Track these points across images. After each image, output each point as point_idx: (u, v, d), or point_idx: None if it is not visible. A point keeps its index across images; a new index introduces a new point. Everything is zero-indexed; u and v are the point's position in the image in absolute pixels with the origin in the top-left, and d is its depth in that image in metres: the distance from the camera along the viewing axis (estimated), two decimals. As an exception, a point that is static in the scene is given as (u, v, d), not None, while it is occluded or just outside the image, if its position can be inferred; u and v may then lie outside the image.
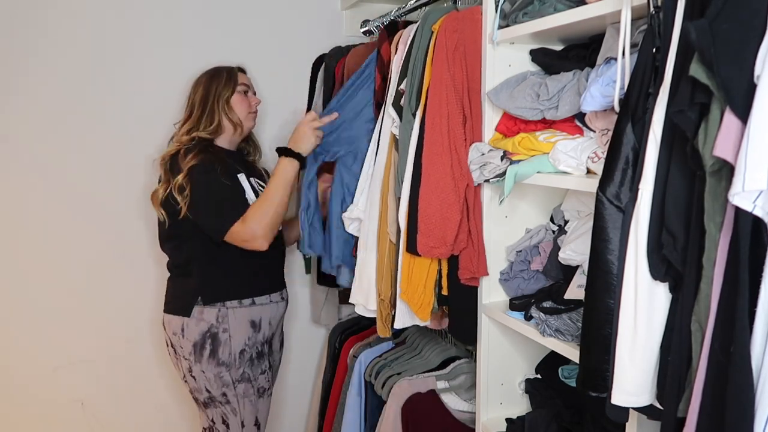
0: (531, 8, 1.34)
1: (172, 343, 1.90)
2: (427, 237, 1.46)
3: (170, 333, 1.89)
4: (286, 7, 2.36)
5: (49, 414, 2.21)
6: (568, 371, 1.54)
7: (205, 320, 1.83)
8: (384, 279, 1.67)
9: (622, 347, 0.96)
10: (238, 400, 1.88)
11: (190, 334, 1.84)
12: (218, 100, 1.90)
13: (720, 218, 0.81)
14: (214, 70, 1.96)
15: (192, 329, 1.83)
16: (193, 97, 1.94)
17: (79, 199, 2.17)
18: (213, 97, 1.90)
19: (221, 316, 1.83)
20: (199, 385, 1.87)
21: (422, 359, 2.00)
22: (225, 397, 1.87)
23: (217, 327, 1.83)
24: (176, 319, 1.86)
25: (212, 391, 1.87)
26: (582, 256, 1.34)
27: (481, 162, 1.42)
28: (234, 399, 1.88)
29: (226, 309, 1.84)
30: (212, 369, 1.84)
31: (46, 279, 2.16)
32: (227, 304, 1.84)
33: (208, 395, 1.88)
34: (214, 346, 1.83)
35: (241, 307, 1.86)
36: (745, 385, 0.74)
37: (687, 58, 0.85)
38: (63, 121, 2.12)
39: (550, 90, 1.30)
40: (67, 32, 2.09)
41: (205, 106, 1.90)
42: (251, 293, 1.89)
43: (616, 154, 0.99)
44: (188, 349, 1.85)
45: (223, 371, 1.85)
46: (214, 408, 1.89)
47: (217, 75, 1.94)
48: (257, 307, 1.89)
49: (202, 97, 1.91)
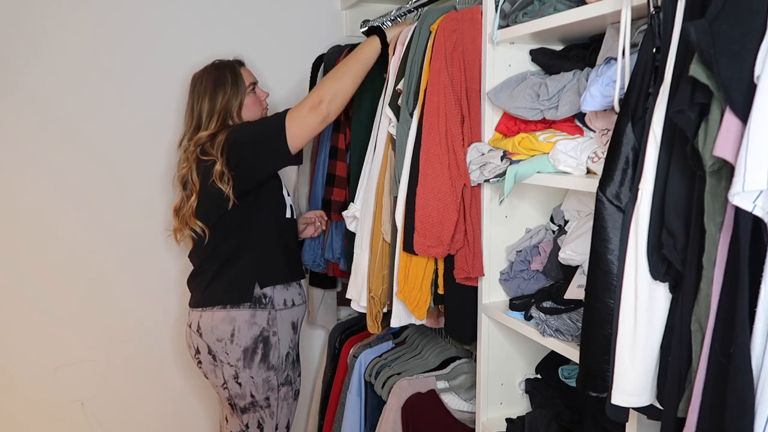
0: (531, 8, 1.34)
1: (210, 350, 1.81)
2: (423, 236, 1.46)
3: (212, 340, 1.80)
4: (286, 7, 2.36)
5: (49, 414, 2.21)
6: (568, 371, 1.54)
7: (257, 324, 1.79)
8: (375, 277, 1.69)
9: (622, 347, 0.96)
10: (279, 403, 1.86)
11: (242, 339, 1.78)
12: (229, 110, 1.83)
13: (720, 218, 0.81)
14: (215, 74, 1.85)
15: (243, 334, 1.78)
16: (197, 106, 1.83)
17: (79, 198, 2.17)
18: (221, 105, 1.81)
19: (271, 319, 1.81)
20: (243, 392, 1.82)
21: (422, 359, 2.00)
22: (267, 401, 1.84)
23: (268, 330, 1.81)
24: (224, 323, 1.78)
25: (256, 396, 1.83)
26: (582, 256, 1.34)
27: (481, 162, 1.42)
28: (275, 402, 1.85)
29: (275, 311, 1.82)
30: (262, 374, 1.81)
31: (46, 279, 2.16)
32: (276, 306, 1.82)
33: (251, 400, 1.83)
34: (266, 350, 1.80)
35: (286, 309, 1.85)
36: (745, 385, 0.74)
37: (687, 58, 0.85)
38: (63, 121, 2.12)
39: (550, 90, 1.30)
40: (67, 31, 2.09)
41: (211, 116, 1.81)
42: (293, 276, 1.89)
43: (616, 154, 0.99)
44: (237, 355, 1.79)
45: (272, 375, 1.83)
46: (253, 413, 1.85)
47: (221, 81, 1.84)
48: (296, 308, 1.89)
49: (209, 109, 1.82)
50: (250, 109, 1.88)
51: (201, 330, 1.82)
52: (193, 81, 1.89)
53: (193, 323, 1.84)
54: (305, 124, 1.72)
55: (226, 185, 1.72)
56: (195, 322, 1.84)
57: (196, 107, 1.84)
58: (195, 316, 1.85)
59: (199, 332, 1.83)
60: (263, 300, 1.81)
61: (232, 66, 1.89)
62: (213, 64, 1.91)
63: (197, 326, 1.83)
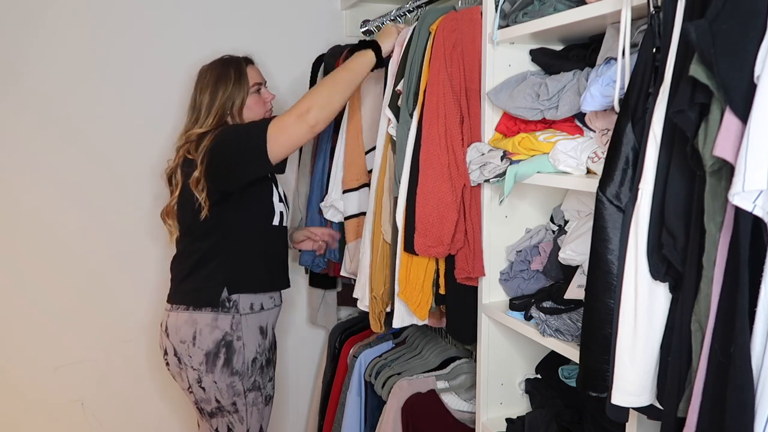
0: (531, 8, 1.34)
1: (176, 352, 1.76)
2: (424, 236, 1.46)
3: (176, 341, 1.75)
4: (286, 7, 2.36)
5: (49, 414, 2.21)
6: (568, 371, 1.54)
7: (219, 328, 1.73)
8: (376, 277, 1.69)
9: (622, 347, 0.96)
10: (247, 408, 1.80)
11: (203, 342, 1.73)
12: (229, 107, 1.78)
13: (720, 218, 0.81)
14: (220, 68, 1.81)
15: (205, 337, 1.73)
16: (199, 99, 1.80)
17: (79, 198, 2.17)
18: (221, 101, 1.77)
19: (235, 323, 1.75)
20: (208, 396, 1.77)
21: (422, 359, 2.00)
22: (234, 407, 1.79)
23: (231, 335, 1.74)
24: (186, 325, 1.74)
25: (222, 401, 1.77)
26: (582, 256, 1.34)
27: (481, 162, 1.42)
28: (243, 408, 1.79)
29: (240, 316, 1.75)
30: (225, 379, 1.75)
31: (46, 279, 2.16)
32: (241, 310, 1.75)
33: (216, 405, 1.78)
34: (229, 354, 1.74)
35: (252, 313, 1.78)
36: (745, 385, 0.74)
37: (687, 58, 0.85)
38: (64, 120, 2.12)
39: (550, 90, 1.30)
40: (67, 31, 2.09)
41: (210, 111, 1.77)
42: (266, 289, 1.83)
43: (616, 154, 0.99)
44: (199, 359, 1.73)
45: (236, 381, 1.76)
46: (221, 417, 1.80)
47: (224, 76, 1.79)
48: (264, 312, 1.82)
49: (208, 103, 1.77)
50: (253, 110, 1.83)
51: (168, 330, 1.78)
52: (199, 73, 1.86)
53: (163, 323, 1.81)
54: (290, 132, 1.64)
55: (201, 193, 1.68)
56: (164, 321, 1.81)
57: (197, 100, 1.80)
58: (165, 315, 1.82)
59: (166, 332, 1.79)
60: (227, 304, 1.74)
61: (238, 63, 1.84)
62: (221, 59, 1.86)
63: (165, 326, 1.80)
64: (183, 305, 1.77)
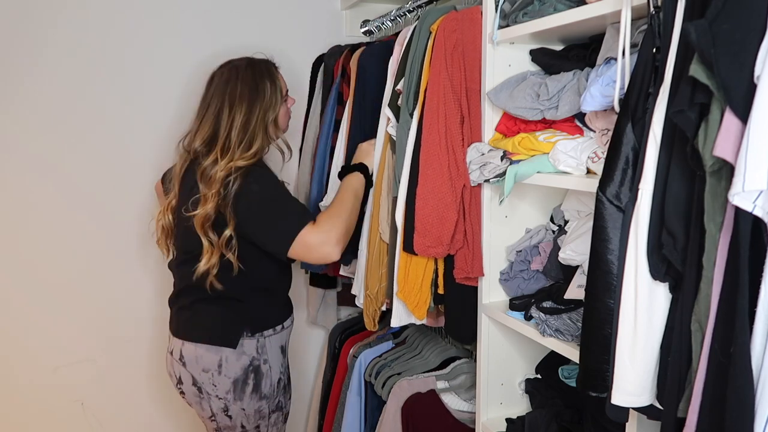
0: (531, 8, 1.34)
1: (196, 382, 1.65)
2: (423, 236, 1.46)
3: (198, 371, 1.64)
4: (286, 8, 2.36)
5: (49, 414, 2.21)
6: (568, 371, 1.54)
7: (246, 353, 1.65)
8: (371, 275, 1.70)
9: (622, 347, 0.96)
10: (269, 429, 1.75)
11: (230, 370, 1.63)
12: (265, 125, 1.62)
13: (720, 218, 0.81)
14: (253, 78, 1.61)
15: (232, 365, 1.63)
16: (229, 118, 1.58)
17: (79, 198, 2.17)
18: (257, 120, 1.59)
19: (260, 347, 1.68)
20: (234, 423, 1.69)
21: (422, 359, 2.00)
22: (257, 430, 1.73)
23: (258, 359, 1.67)
24: (211, 354, 1.63)
25: (247, 426, 1.71)
26: (582, 256, 1.34)
27: (481, 162, 1.42)
28: (265, 429, 1.74)
29: (264, 338, 1.69)
30: (254, 405, 1.68)
31: (46, 279, 2.16)
32: (265, 333, 1.69)
33: (241, 430, 1.71)
34: (257, 379, 1.67)
35: (275, 334, 1.72)
36: (745, 385, 0.74)
37: (687, 58, 0.85)
38: (64, 120, 2.12)
39: (550, 90, 1.30)
40: (68, 33, 2.09)
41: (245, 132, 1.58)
42: (285, 316, 1.78)
43: (616, 154, 0.99)
44: (226, 387, 1.64)
45: (264, 405, 1.70)
46: None
47: (261, 88, 1.61)
48: (285, 331, 1.77)
49: (244, 123, 1.57)
50: (282, 120, 1.71)
51: (184, 359, 1.66)
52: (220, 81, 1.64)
53: (175, 351, 1.69)
54: (312, 251, 1.55)
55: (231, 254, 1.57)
56: (177, 349, 1.68)
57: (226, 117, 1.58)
58: (177, 343, 1.69)
59: (182, 361, 1.66)
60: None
61: (269, 70, 1.66)
62: (248, 64, 1.65)
63: (179, 354, 1.67)
64: (203, 342, 1.64)
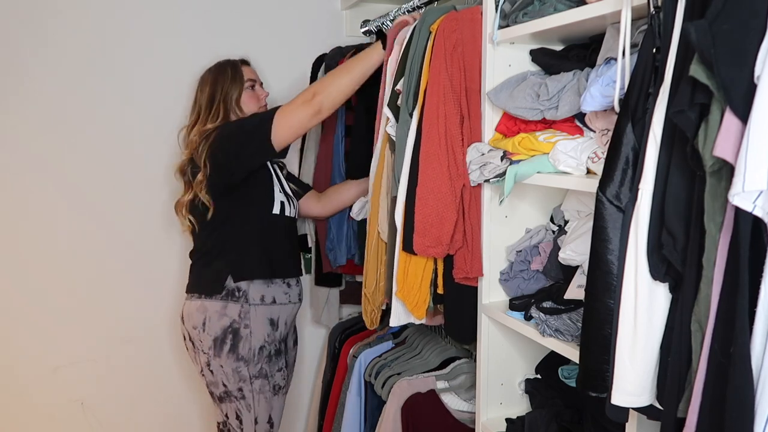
0: (531, 8, 1.34)
1: (191, 337, 1.88)
2: (423, 236, 1.46)
3: (190, 327, 1.87)
4: (287, 8, 2.36)
5: (49, 414, 2.21)
6: (568, 371, 1.54)
7: (227, 315, 1.82)
8: (369, 275, 1.71)
9: (622, 347, 0.96)
10: (254, 396, 1.87)
11: (211, 328, 1.83)
12: (227, 100, 1.88)
13: (720, 218, 0.81)
14: (218, 68, 1.93)
15: (213, 324, 1.82)
16: (200, 98, 1.91)
17: (79, 198, 2.17)
18: (220, 95, 1.87)
19: (243, 312, 1.83)
20: (216, 379, 1.87)
21: (422, 359, 2.00)
22: (241, 392, 1.87)
23: (239, 323, 1.82)
24: (198, 312, 1.84)
25: (228, 386, 1.86)
26: (582, 256, 1.34)
27: (481, 162, 1.42)
28: (249, 395, 1.87)
29: (248, 305, 1.83)
30: (231, 363, 1.83)
31: (46, 279, 2.16)
32: (250, 300, 1.83)
33: (224, 389, 1.87)
34: (235, 341, 1.82)
35: (263, 305, 1.85)
36: (745, 385, 0.74)
37: (687, 58, 0.85)
38: (65, 121, 2.12)
39: (550, 90, 1.30)
40: (68, 33, 2.09)
41: (211, 106, 1.87)
42: (275, 273, 1.88)
43: (616, 154, 0.99)
44: (208, 344, 1.84)
45: (242, 366, 1.84)
46: (229, 403, 1.88)
47: (222, 73, 1.91)
48: (276, 306, 1.89)
49: (208, 98, 1.88)
50: (247, 105, 1.91)
51: (183, 317, 1.90)
52: (200, 79, 1.96)
53: (182, 311, 1.92)
54: (295, 116, 1.73)
55: (204, 194, 1.79)
56: (182, 309, 1.92)
57: (199, 99, 1.91)
58: (183, 304, 1.93)
59: (182, 319, 1.91)
60: (236, 293, 1.83)
61: (234, 62, 1.95)
62: (218, 62, 1.96)
63: (182, 313, 1.92)
64: (196, 294, 1.87)
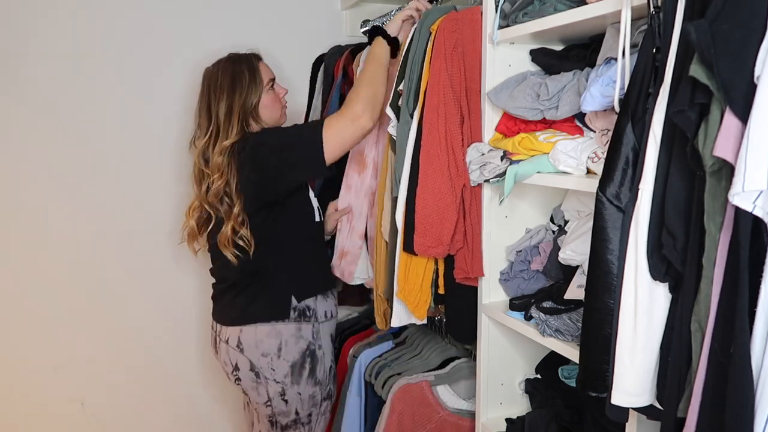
0: (531, 8, 1.34)
1: (253, 367, 1.71)
2: (423, 237, 1.46)
3: (258, 355, 1.70)
4: (286, 8, 2.36)
5: (49, 414, 2.21)
6: (568, 371, 1.54)
7: (303, 338, 1.73)
8: (380, 275, 1.71)
9: (622, 347, 0.96)
10: (318, 418, 1.80)
11: (289, 353, 1.71)
12: (246, 110, 1.69)
13: (720, 218, 0.81)
14: (232, 69, 1.72)
15: (291, 348, 1.71)
16: (215, 108, 1.68)
17: (82, 199, 2.16)
18: (238, 106, 1.68)
19: (315, 332, 1.75)
20: (289, 409, 1.74)
21: (422, 359, 2.00)
22: (309, 418, 1.78)
23: (314, 344, 1.75)
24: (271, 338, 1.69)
25: (301, 413, 1.76)
26: (582, 256, 1.34)
27: (481, 162, 1.42)
28: (315, 418, 1.79)
29: (318, 324, 1.76)
30: (309, 389, 1.75)
31: (46, 279, 2.16)
32: (319, 318, 1.76)
33: (294, 417, 1.76)
34: (313, 364, 1.74)
35: (327, 321, 1.79)
36: (745, 385, 0.74)
37: (687, 58, 0.85)
38: (70, 122, 2.11)
39: (550, 90, 1.30)
40: (68, 31, 2.09)
41: (230, 119, 1.67)
42: (327, 284, 1.82)
43: (616, 154, 0.99)
44: (284, 371, 1.71)
45: (317, 390, 1.77)
46: (294, 430, 1.78)
47: (238, 77, 1.70)
48: (334, 320, 1.85)
49: (227, 110, 1.68)
50: (270, 108, 1.75)
51: (242, 345, 1.71)
52: (206, 76, 1.75)
53: (231, 339, 1.73)
54: (346, 135, 1.61)
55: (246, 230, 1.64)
56: (234, 337, 1.72)
57: (213, 107, 1.69)
58: (233, 331, 1.73)
59: (239, 348, 1.72)
60: (307, 313, 1.73)
61: (248, 60, 1.76)
62: (228, 58, 1.77)
63: (237, 341, 1.72)
64: (261, 321, 1.71)
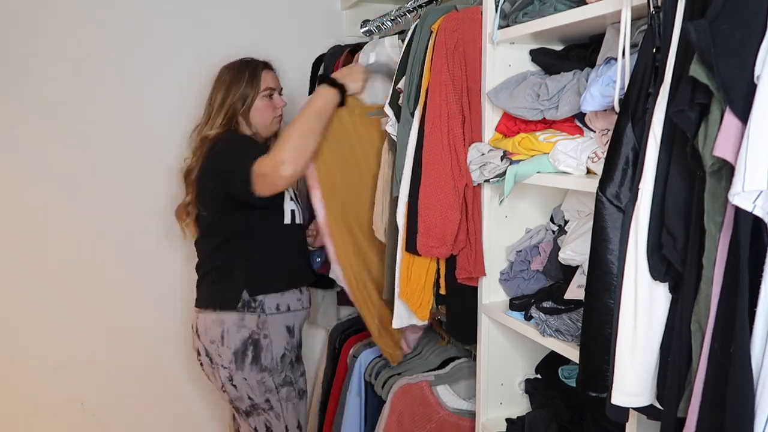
0: (531, 8, 1.34)
1: (208, 353, 1.83)
2: (427, 237, 1.46)
3: (207, 341, 1.82)
4: (286, 8, 2.36)
5: (49, 414, 2.21)
6: (568, 371, 1.54)
7: (246, 327, 1.79)
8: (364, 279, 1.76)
9: (622, 347, 0.96)
10: (282, 404, 1.85)
11: (231, 341, 1.79)
12: (236, 106, 1.82)
13: (720, 218, 0.81)
14: (237, 69, 1.86)
15: (233, 336, 1.78)
16: (213, 97, 1.85)
17: (81, 198, 2.17)
18: (231, 100, 1.82)
19: (261, 323, 1.80)
20: (240, 394, 1.83)
21: (422, 359, 2.00)
22: (268, 403, 1.84)
23: (258, 333, 1.79)
24: (216, 326, 1.79)
25: (255, 399, 1.83)
26: (582, 256, 1.34)
27: (481, 162, 1.42)
28: (277, 404, 1.84)
29: (266, 315, 1.80)
30: (255, 375, 1.80)
31: (46, 278, 2.16)
32: (266, 310, 1.80)
33: (250, 403, 1.83)
34: (256, 351, 1.79)
35: (278, 313, 1.83)
36: (745, 385, 0.74)
37: (687, 58, 0.85)
38: (70, 120, 2.12)
39: (550, 90, 1.30)
40: (68, 32, 2.09)
41: (221, 109, 1.82)
42: (290, 284, 1.86)
43: (616, 154, 0.99)
44: (228, 357, 1.79)
45: (266, 377, 1.82)
46: (257, 416, 1.85)
47: (238, 76, 1.84)
48: (291, 313, 1.87)
49: (221, 101, 1.83)
50: (261, 113, 1.86)
51: (198, 332, 1.85)
52: (219, 72, 1.90)
53: (194, 325, 1.87)
54: (270, 180, 1.67)
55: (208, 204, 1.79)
56: (194, 323, 1.87)
57: (212, 98, 1.86)
58: (194, 317, 1.87)
59: (197, 334, 1.85)
60: (252, 304, 1.79)
61: (255, 65, 1.88)
62: (241, 60, 1.89)
63: (196, 328, 1.86)
64: (210, 308, 1.83)
